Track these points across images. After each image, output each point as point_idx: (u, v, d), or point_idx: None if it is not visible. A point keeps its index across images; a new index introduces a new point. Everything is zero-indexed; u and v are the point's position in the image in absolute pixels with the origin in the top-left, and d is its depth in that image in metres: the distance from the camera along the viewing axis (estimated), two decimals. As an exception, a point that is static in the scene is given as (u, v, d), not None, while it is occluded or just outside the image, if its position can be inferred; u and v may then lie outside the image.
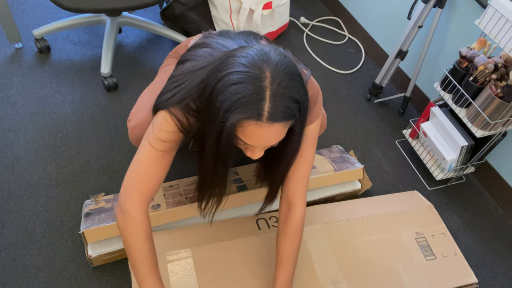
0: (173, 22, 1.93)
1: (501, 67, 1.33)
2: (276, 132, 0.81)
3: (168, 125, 0.93)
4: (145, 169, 0.94)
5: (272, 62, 0.79)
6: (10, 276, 1.24)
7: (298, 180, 1.05)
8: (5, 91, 1.70)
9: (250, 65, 0.78)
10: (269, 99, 0.77)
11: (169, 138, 0.94)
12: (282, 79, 0.78)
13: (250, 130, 0.80)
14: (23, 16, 2.00)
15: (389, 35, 1.97)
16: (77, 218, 1.38)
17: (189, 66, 0.94)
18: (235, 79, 0.77)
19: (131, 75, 1.85)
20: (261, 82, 0.77)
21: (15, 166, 1.48)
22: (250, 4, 1.81)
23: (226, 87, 0.78)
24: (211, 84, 0.82)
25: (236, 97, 0.77)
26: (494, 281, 1.42)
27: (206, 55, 0.94)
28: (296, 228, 1.05)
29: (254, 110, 0.77)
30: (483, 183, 1.68)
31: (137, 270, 0.94)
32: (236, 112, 0.77)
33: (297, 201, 1.06)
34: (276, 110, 0.78)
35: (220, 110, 0.79)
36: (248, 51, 0.81)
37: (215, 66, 0.84)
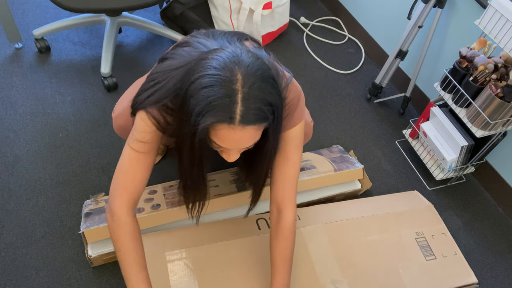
0: (173, 22, 1.94)
1: (501, 67, 1.33)
2: (249, 135, 0.81)
3: (145, 125, 0.93)
4: (127, 171, 0.95)
5: (244, 65, 0.78)
6: (10, 276, 1.24)
7: (286, 184, 1.03)
8: (5, 91, 1.70)
9: (221, 68, 0.78)
10: (240, 102, 0.77)
11: (147, 139, 0.94)
12: (254, 82, 0.78)
13: (223, 134, 0.80)
14: (23, 16, 2.00)
15: (389, 35, 1.97)
16: (77, 218, 1.38)
17: (167, 64, 0.93)
18: (206, 82, 0.77)
19: (131, 75, 1.85)
20: (233, 85, 0.76)
21: (15, 166, 1.48)
22: (250, 4, 1.81)
23: (198, 90, 0.77)
24: (184, 87, 0.82)
25: (208, 100, 0.76)
26: (494, 281, 1.42)
27: (184, 54, 0.94)
28: (288, 233, 1.03)
29: (226, 113, 0.77)
30: (483, 183, 1.68)
31: (124, 270, 0.94)
32: (208, 116, 0.77)
33: (287, 206, 1.04)
34: (248, 113, 0.77)
35: (193, 113, 0.78)
36: (220, 54, 0.80)
37: (189, 68, 0.84)
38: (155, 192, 1.33)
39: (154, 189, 1.34)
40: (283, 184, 1.03)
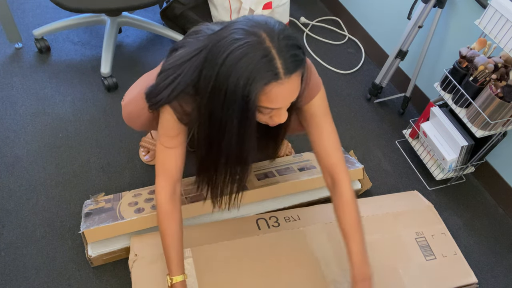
0: (173, 22, 1.94)
1: (501, 67, 1.33)
2: (294, 84, 0.84)
3: (168, 120, 0.98)
4: (160, 161, 1.03)
5: (262, 24, 0.81)
6: (10, 276, 1.24)
7: (330, 153, 1.07)
8: (5, 91, 1.70)
9: (244, 36, 0.80)
10: (277, 56, 0.79)
11: (176, 133, 1.00)
12: (278, 34, 0.80)
13: (274, 93, 0.82)
14: (23, 16, 2.00)
15: (389, 35, 1.97)
16: (77, 218, 1.38)
17: (179, 55, 0.95)
18: (238, 54, 0.79)
19: (131, 75, 1.85)
20: (263, 44, 0.79)
21: (15, 166, 1.48)
22: (250, 4, 1.81)
23: (234, 66, 0.79)
24: (212, 73, 0.83)
25: (249, 69, 0.78)
26: (494, 281, 1.42)
27: (194, 41, 0.96)
28: (349, 199, 1.05)
29: (270, 72, 0.79)
30: (483, 183, 1.68)
31: (165, 251, 1.04)
32: (256, 82, 0.79)
33: (338, 172, 1.06)
34: (288, 62, 0.80)
35: (237, 89, 0.80)
36: (234, 27, 0.82)
37: (208, 52, 0.85)
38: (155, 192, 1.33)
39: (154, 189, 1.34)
40: (327, 154, 1.07)
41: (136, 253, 1.18)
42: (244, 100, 0.81)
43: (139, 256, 1.17)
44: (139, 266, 1.15)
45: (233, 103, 0.82)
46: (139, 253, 1.18)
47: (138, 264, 1.16)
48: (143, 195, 1.32)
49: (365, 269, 1.02)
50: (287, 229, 1.29)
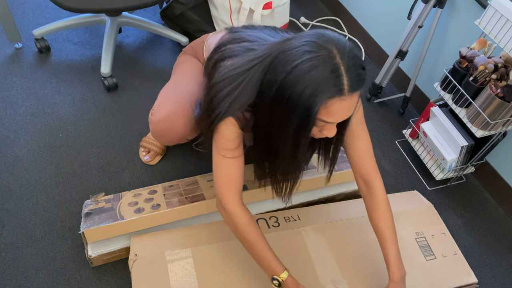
0: (173, 22, 1.93)
1: (501, 67, 1.33)
2: (354, 101, 0.87)
3: (232, 131, 1.00)
4: (225, 173, 1.02)
5: (334, 40, 0.84)
6: (10, 276, 1.24)
7: (364, 158, 1.10)
8: (5, 91, 1.70)
9: (316, 49, 0.82)
10: (345, 73, 0.82)
11: (237, 144, 1.02)
12: (348, 52, 0.84)
13: (334, 108, 0.85)
14: (23, 16, 2.00)
15: (389, 35, 1.97)
16: (77, 218, 1.38)
17: (232, 65, 0.96)
18: (308, 66, 0.81)
19: (131, 75, 1.85)
20: (333, 60, 0.82)
21: (15, 166, 1.48)
22: (250, 4, 1.81)
23: (302, 76, 0.82)
24: (276, 81, 0.85)
25: (317, 81, 0.81)
26: (494, 281, 1.42)
27: (245, 49, 0.98)
28: (383, 202, 1.10)
29: (336, 87, 0.82)
30: (483, 183, 1.68)
31: (252, 255, 1.03)
32: (321, 95, 0.82)
33: (372, 177, 1.11)
34: (353, 81, 0.83)
35: (301, 98, 0.83)
36: (307, 39, 0.85)
37: (274, 61, 0.88)
38: (155, 192, 1.33)
39: (154, 189, 1.34)
40: (362, 161, 1.11)
41: (136, 253, 1.18)
42: (306, 110, 0.84)
43: (139, 256, 1.17)
44: (139, 266, 1.15)
45: (294, 110, 0.85)
46: (139, 253, 1.18)
47: (138, 264, 1.16)
48: (143, 195, 1.32)
49: (401, 270, 1.07)
50: (287, 229, 1.29)
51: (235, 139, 1.01)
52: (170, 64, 1.92)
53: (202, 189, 1.34)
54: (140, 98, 1.76)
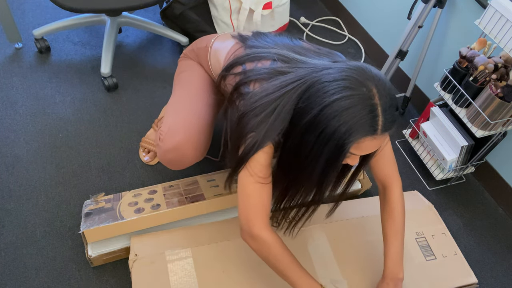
0: (173, 22, 1.93)
1: (501, 67, 1.33)
2: (384, 139, 0.88)
3: (268, 157, 0.98)
4: (259, 199, 0.98)
5: (374, 78, 0.84)
6: (10, 276, 1.24)
7: (385, 164, 1.12)
8: (5, 91, 1.70)
9: (356, 87, 0.82)
10: (381, 114, 0.83)
11: (270, 170, 0.99)
12: (386, 93, 0.84)
13: (365, 145, 0.86)
14: (23, 16, 2.00)
15: (389, 35, 1.97)
16: (77, 218, 1.38)
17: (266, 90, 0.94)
18: (347, 104, 0.81)
19: (131, 75, 1.85)
20: (372, 100, 0.82)
21: (15, 166, 1.48)
22: (250, 4, 1.81)
23: (340, 113, 0.81)
24: (310, 111, 0.85)
25: (354, 120, 0.81)
26: (494, 281, 1.42)
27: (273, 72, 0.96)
28: (396, 207, 1.11)
29: (371, 127, 0.83)
30: (483, 183, 1.68)
31: (289, 277, 0.99)
32: (356, 133, 0.82)
33: (390, 182, 1.12)
34: (387, 122, 0.84)
35: (335, 134, 0.83)
36: (343, 73, 0.85)
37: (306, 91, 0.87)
38: (155, 192, 1.33)
39: (154, 189, 1.34)
40: (382, 167, 1.12)
41: (136, 253, 1.18)
42: (338, 145, 0.84)
43: (139, 256, 1.17)
44: (139, 266, 1.15)
45: (327, 143, 0.85)
46: (139, 253, 1.18)
47: (138, 264, 1.16)
48: (143, 195, 1.32)
49: (397, 273, 1.08)
50: (287, 229, 1.29)
51: (268, 165, 0.98)
52: (170, 64, 1.92)
53: (202, 189, 1.34)
54: (140, 98, 1.76)
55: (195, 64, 1.32)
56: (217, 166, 1.56)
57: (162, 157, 1.21)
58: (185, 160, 1.19)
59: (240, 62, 1.05)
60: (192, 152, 1.18)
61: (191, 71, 1.30)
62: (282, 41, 1.08)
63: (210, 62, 1.25)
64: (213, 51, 1.23)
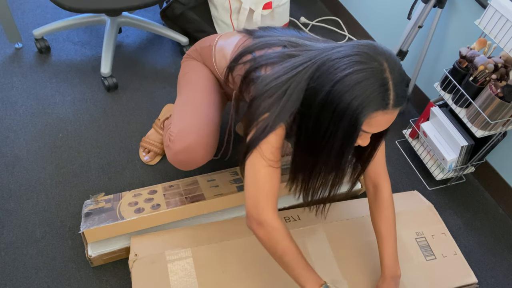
0: (173, 22, 1.94)
1: (501, 67, 1.33)
2: (394, 116, 0.87)
3: (280, 140, 0.97)
4: (269, 183, 0.96)
5: (385, 53, 0.84)
6: (10, 276, 1.24)
7: (377, 164, 1.12)
8: (5, 91, 1.70)
9: (367, 61, 0.82)
10: (392, 88, 0.82)
11: (280, 153, 0.98)
12: (397, 67, 0.84)
13: (376, 120, 0.85)
14: (23, 16, 2.00)
15: (389, 35, 1.97)
16: (77, 218, 1.38)
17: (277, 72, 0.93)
18: (359, 77, 0.81)
19: (131, 75, 1.85)
20: (383, 74, 0.82)
21: (15, 166, 1.48)
22: (250, 4, 1.81)
23: (352, 87, 0.81)
24: (322, 89, 0.85)
25: (366, 94, 0.81)
26: (494, 281, 1.42)
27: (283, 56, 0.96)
28: (387, 205, 1.12)
29: (383, 101, 0.82)
30: (483, 183, 1.68)
31: (293, 269, 0.96)
32: (368, 107, 0.82)
33: (381, 180, 1.13)
34: (399, 97, 0.84)
35: (348, 109, 0.82)
36: (357, 49, 0.84)
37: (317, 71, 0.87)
38: (155, 192, 1.33)
39: (154, 189, 1.34)
40: (374, 165, 1.12)
41: (136, 253, 1.18)
42: (352, 120, 0.84)
43: (139, 256, 1.17)
44: (139, 266, 1.15)
45: (340, 119, 0.84)
46: (139, 253, 1.18)
47: (138, 264, 1.16)
48: (143, 195, 1.32)
49: (396, 270, 1.10)
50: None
51: (280, 148, 0.97)
52: (170, 64, 1.92)
53: (202, 189, 1.34)
54: (140, 98, 1.76)
55: (199, 64, 1.31)
56: (217, 166, 1.56)
57: (172, 158, 1.20)
58: (196, 161, 1.19)
59: (249, 51, 1.05)
60: (202, 153, 1.18)
61: (195, 72, 1.29)
62: (289, 32, 1.09)
63: (215, 61, 1.25)
64: (217, 49, 1.23)
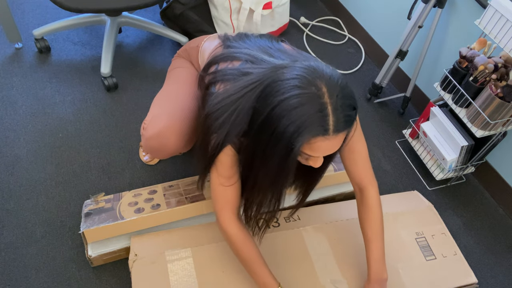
0: (173, 22, 1.94)
1: (501, 67, 1.33)
2: (340, 140, 0.86)
3: (231, 159, 1.00)
4: (224, 197, 1.03)
5: (325, 77, 0.82)
6: (10, 276, 1.24)
7: (359, 168, 1.11)
8: (5, 91, 1.70)
9: (305, 86, 0.81)
10: (331, 113, 0.81)
11: (234, 170, 1.01)
12: (338, 91, 0.81)
13: (317, 145, 0.84)
14: (23, 16, 2.00)
15: (389, 35, 1.97)
16: (77, 218, 1.38)
17: (228, 91, 0.94)
18: (295, 103, 0.80)
19: (131, 75, 1.85)
20: (321, 99, 0.80)
21: (15, 166, 1.48)
22: (250, 4, 1.81)
23: (288, 112, 0.80)
24: (264, 112, 0.84)
25: (302, 119, 0.80)
26: (494, 281, 1.42)
27: (238, 74, 0.96)
28: (373, 208, 1.11)
29: (320, 127, 0.81)
30: (483, 183, 1.68)
31: (251, 271, 1.05)
32: (304, 133, 0.81)
33: (367, 184, 1.12)
34: (340, 122, 0.82)
35: (285, 134, 0.81)
36: (295, 72, 0.83)
37: (262, 92, 0.87)
38: (155, 192, 1.33)
39: (154, 189, 1.34)
40: (357, 170, 1.11)
41: (136, 253, 1.18)
42: (288, 145, 0.83)
43: (139, 256, 1.17)
44: (139, 266, 1.15)
45: (277, 143, 0.84)
46: (139, 253, 1.18)
47: (138, 264, 1.16)
48: (143, 195, 1.32)
49: (382, 274, 1.10)
50: (287, 229, 1.29)
51: (232, 166, 1.01)
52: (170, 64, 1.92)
53: (202, 189, 1.34)
54: (140, 98, 1.76)
55: (186, 62, 1.33)
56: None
57: (145, 145, 1.21)
58: (168, 148, 1.18)
59: (214, 61, 1.05)
60: (174, 139, 1.17)
61: (181, 68, 1.31)
62: (261, 43, 1.07)
63: (199, 61, 1.26)
64: (202, 50, 1.24)
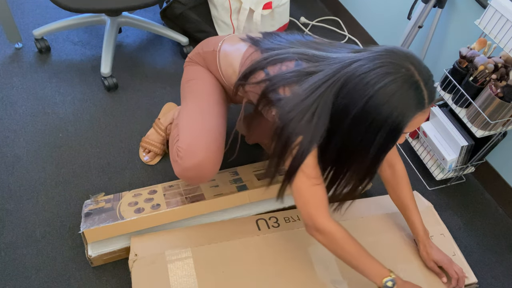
0: (173, 22, 1.94)
1: (501, 67, 1.33)
2: (429, 109, 0.92)
3: (315, 158, 0.98)
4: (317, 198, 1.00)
5: (408, 56, 0.86)
6: (10, 276, 1.24)
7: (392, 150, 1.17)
8: (5, 91, 1.70)
9: (395, 70, 0.84)
10: (424, 88, 0.85)
11: (319, 167, 1.00)
12: (421, 63, 0.86)
13: (416, 121, 0.88)
14: (23, 16, 2.00)
15: (389, 35, 1.97)
16: (77, 218, 1.38)
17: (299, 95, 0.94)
18: (393, 88, 0.84)
19: (131, 75, 1.85)
20: (413, 78, 0.84)
21: (15, 166, 1.48)
22: (250, 4, 1.81)
23: (389, 98, 0.84)
24: (356, 105, 0.87)
25: (404, 102, 0.84)
26: (494, 281, 1.42)
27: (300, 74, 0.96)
28: (406, 180, 1.21)
29: (419, 104, 0.86)
30: (483, 183, 1.68)
31: (357, 266, 1.02)
32: (409, 114, 0.86)
33: (395, 160, 1.20)
34: (431, 93, 0.87)
35: (388, 119, 0.85)
36: (378, 60, 0.86)
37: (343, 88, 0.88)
38: (155, 192, 1.33)
39: (154, 189, 1.34)
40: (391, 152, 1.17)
41: (136, 253, 1.18)
42: (393, 129, 0.87)
43: (139, 256, 1.17)
44: (139, 266, 1.15)
45: (379, 131, 0.87)
46: (139, 253, 1.18)
47: (138, 264, 1.16)
48: (143, 195, 1.32)
49: (426, 231, 1.23)
50: (287, 229, 1.29)
51: (318, 164, 1.00)
52: (170, 64, 1.92)
53: (202, 189, 1.34)
54: (140, 98, 1.76)
55: (203, 70, 1.28)
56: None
57: (181, 174, 1.18)
58: (205, 177, 1.19)
59: (260, 67, 1.03)
60: (212, 169, 1.17)
61: (200, 79, 1.26)
62: (295, 39, 1.08)
63: (220, 67, 1.22)
64: (222, 55, 1.21)
